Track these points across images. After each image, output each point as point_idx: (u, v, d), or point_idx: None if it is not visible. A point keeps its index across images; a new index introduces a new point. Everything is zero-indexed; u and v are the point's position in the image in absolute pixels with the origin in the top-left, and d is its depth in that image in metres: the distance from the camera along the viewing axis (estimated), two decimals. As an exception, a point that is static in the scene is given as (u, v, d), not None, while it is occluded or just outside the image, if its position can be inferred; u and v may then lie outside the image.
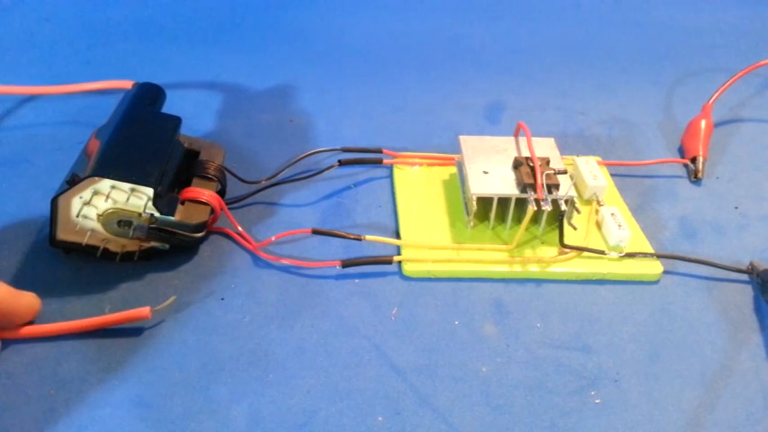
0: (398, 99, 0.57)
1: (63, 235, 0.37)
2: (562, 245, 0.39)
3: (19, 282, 0.36)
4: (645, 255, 0.40)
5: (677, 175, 0.50)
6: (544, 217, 0.41)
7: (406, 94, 0.58)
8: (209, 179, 0.41)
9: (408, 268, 0.39)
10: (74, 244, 0.37)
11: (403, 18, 0.71)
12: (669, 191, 0.48)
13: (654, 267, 0.40)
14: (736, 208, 0.47)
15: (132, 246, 0.38)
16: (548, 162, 0.42)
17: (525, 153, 0.43)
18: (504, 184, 0.41)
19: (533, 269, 0.39)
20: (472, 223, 0.42)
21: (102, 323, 0.34)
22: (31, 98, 0.53)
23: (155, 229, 0.37)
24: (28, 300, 0.33)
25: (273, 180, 0.45)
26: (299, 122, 0.53)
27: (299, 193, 0.45)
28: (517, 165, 0.42)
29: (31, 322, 0.34)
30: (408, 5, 0.74)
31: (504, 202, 0.41)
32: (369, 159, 0.48)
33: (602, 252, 0.40)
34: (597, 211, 0.43)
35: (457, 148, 0.45)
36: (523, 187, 0.40)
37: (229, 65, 0.61)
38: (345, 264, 0.39)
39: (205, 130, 0.51)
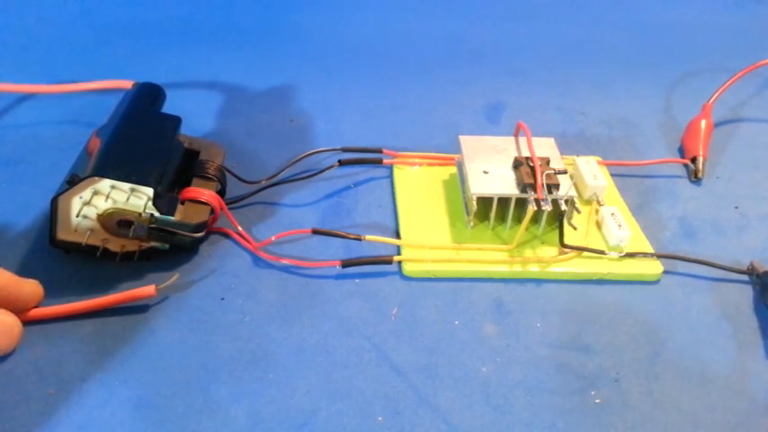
0: (398, 99, 0.57)
1: (63, 235, 0.37)
2: (562, 245, 0.39)
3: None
4: (645, 255, 0.40)
5: (677, 175, 0.50)
6: (544, 217, 0.41)
7: (406, 94, 0.58)
8: (209, 179, 0.41)
9: (408, 268, 0.39)
10: (74, 244, 0.37)
11: (403, 18, 0.71)
12: (669, 191, 0.48)
13: (654, 267, 0.40)
14: (736, 208, 0.47)
15: (132, 246, 0.38)
16: (548, 162, 0.42)
17: (525, 153, 0.42)
18: (504, 183, 0.41)
19: (533, 269, 0.39)
20: (472, 223, 0.42)
21: (110, 302, 0.35)
22: (31, 98, 0.53)
23: (155, 229, 0.37)
24: (31, 287, 0.34)
25: (273, 180, 0.45)
26: (299, 122, 0.53)
27: (299, 193, 0.45)
28: (517, 165, 0.42)
29: None
30: (408, 5, 0.74)
31: (504, 201, 0.41)
32: (369, 159, 0.48)
33: (602, 252, 0.40)
34: (597, 211, 0.43)
35: (457, 148, 0.45)
36: (523, 187, 0.40)
37: (229, 65, 0.61)
38: (345, 264, 0.39)
39: (205, 130, 0.51)
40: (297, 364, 0.34)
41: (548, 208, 0.39)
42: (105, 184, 0.35)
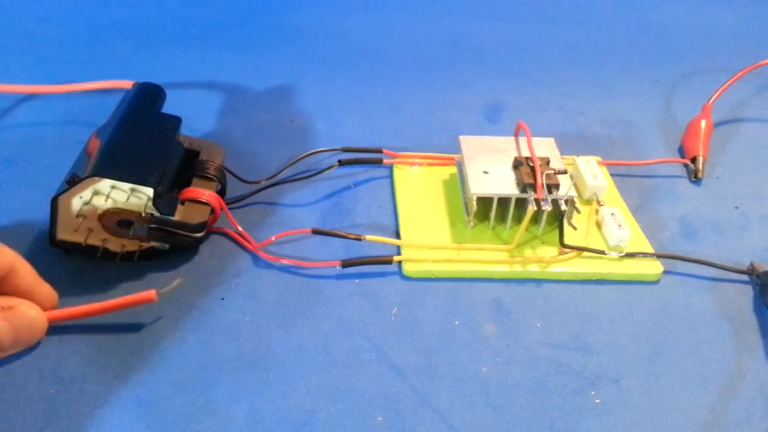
0: (398, 99, 0.57)
1: (63, 235, 0.37)
2: (562, 245, 0.39)
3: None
4: (645, 255, 0.40)
5: (677, 175, 0.50)
6: (544, 217, 0.41)
7: (406, 94, 0.58)
8: (209, 179, 0.41)
9: (408, 268, 0.39)
10: (74, 244, 0.37)
11: (403, 18, 0.71)
12: (669, 191, 0.48)
13: (654, 267, 0.40)
14: (736, 208, 0.47)
15: (132, 246, 0.38)
16: (548, 162, 0.42)
17: (525, 153, 0.42)
18: (504, 183, 0.41)
19: (533, 269, 0.39)
20: (472, 223, 0.42)
21: (110, 307, 0.34)
22: (31, 98, 0.53)
23: (155, 229, 0.37)
24: (48, 289, 0.34)
25: (273, 180, 0.45)
26: (299, 122, 0.53)
27: (299, 193, 0.45)
28: (517, 165, 0.42)
29: None
30: (408, 5, 0.74)
31: (504, 202, 0.41)
32: (369, 159, 0.48)
33: (602, 252, 0.40)
34: (597, 211, 0.43)
35: (457, 148, 0.45)
36: (523, 187, 0.40)
37: (229, 65, 0.61)
38: (345, 264, 0.39)
39: (205, 130, 0.51)
40: (297, 364, 0.34)
41: (548, 208, 0.39)
42: (105, 184, 0.35)
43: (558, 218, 0.40)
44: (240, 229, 0.41)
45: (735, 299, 0.39)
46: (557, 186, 0.40)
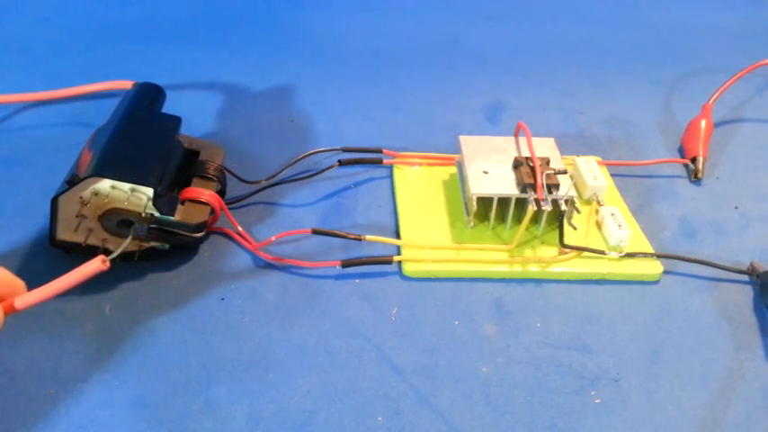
0: (398, 99, 0.57)
1: (63, 235, 0.37)
2: (562, 245, 0.39)
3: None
4: (645, 255, 0.40)
5: (677, 175, 0.50)
6: (544, 217, 0.41)
7: (406, 94, 0.58)
8: (209, 179, 0.41)
9: (408, 268, 0.39)
10: (74, 244, 0.37)
11: (403, 18, 0.71)
12: (669, 191, 0.48)
13: (654, 267, 0.40)
14: (736, 208, 0.47)
15: (132, 246, 0.38)
16: (548, 162, 0.42)
17: (525, 153, 0.42)
18: (504, 184, 0.41)
19: (533, 269, 0.39)
20: (472, 223, 0.42)
21: (66, 285, 0.31)
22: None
23: (155, 229, 0.37)
24: (7, 276, 0.30)
25: (273, 180, 0.45)
26: (298, 122, 0.53)
27: (299, 193, 0.45)
28: (517, 165, 0.42)
29: None
30: (408, 6, 0.74)
31: (504, 202, 0.41)
32: (369, 159, 0.48)
33: (602, 252, 0.40)
34: (597, 211, 0.43)
35: (457, 148, 0.45)
36: (523, 187, 0.40)
37: (229, 65, 0.61)
38: (345, 264, 0.39)
39: (205, 130, 0.51)
40: (297, 365, 0.34)
41: (548, 208, 0.39)
42: (105, 184, 0.35)
43: (558, 218, 0.40)
44: (240, 229, 0.41)
45: (735, 299, 0.39)
46: (557, 186, 0.40)
